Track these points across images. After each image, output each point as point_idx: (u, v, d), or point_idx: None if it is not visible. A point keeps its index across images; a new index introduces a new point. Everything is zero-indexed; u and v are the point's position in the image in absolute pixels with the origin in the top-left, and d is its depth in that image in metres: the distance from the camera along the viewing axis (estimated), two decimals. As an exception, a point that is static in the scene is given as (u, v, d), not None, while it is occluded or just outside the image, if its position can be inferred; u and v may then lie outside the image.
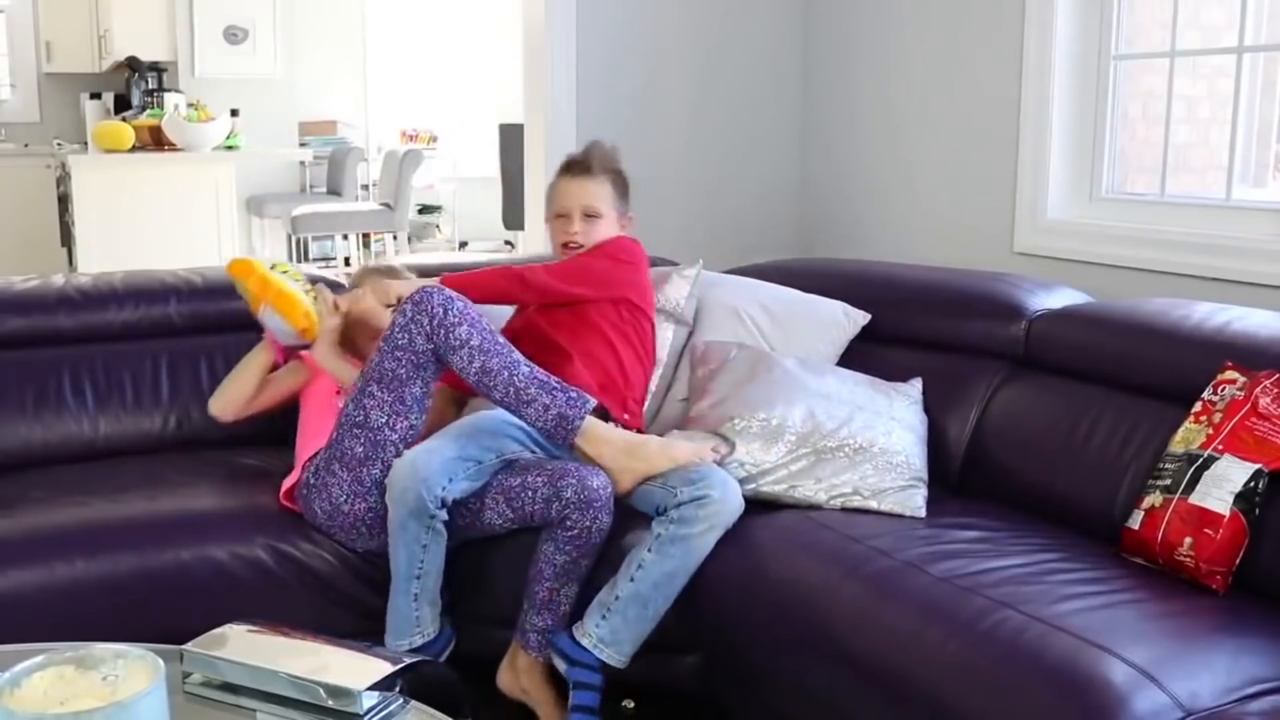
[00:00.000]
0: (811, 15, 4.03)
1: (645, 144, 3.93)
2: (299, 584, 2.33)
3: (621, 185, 2.80)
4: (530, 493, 2.27)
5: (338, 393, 2.54)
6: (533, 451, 2.40)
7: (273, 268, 2.61)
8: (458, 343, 2.27)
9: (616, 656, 2.25)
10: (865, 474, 2.37)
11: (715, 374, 2.65)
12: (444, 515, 2.23)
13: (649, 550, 2.23)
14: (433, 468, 2.21)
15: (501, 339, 2.32)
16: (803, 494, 2.37)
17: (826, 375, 2.59)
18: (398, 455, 2.30)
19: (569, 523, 2.24)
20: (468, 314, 2.29)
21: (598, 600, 2.28)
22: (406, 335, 2.30)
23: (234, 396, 2.65)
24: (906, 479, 2.37)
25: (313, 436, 2.49)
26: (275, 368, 2.67)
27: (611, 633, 2.24)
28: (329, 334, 2.61)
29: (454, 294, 2.32)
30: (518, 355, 2.31)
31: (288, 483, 2.44)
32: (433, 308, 2.28)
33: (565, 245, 2.75)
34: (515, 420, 2.35)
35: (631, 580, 2.23)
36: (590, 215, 2.73)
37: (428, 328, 2.28)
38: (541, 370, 2.31)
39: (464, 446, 2.28)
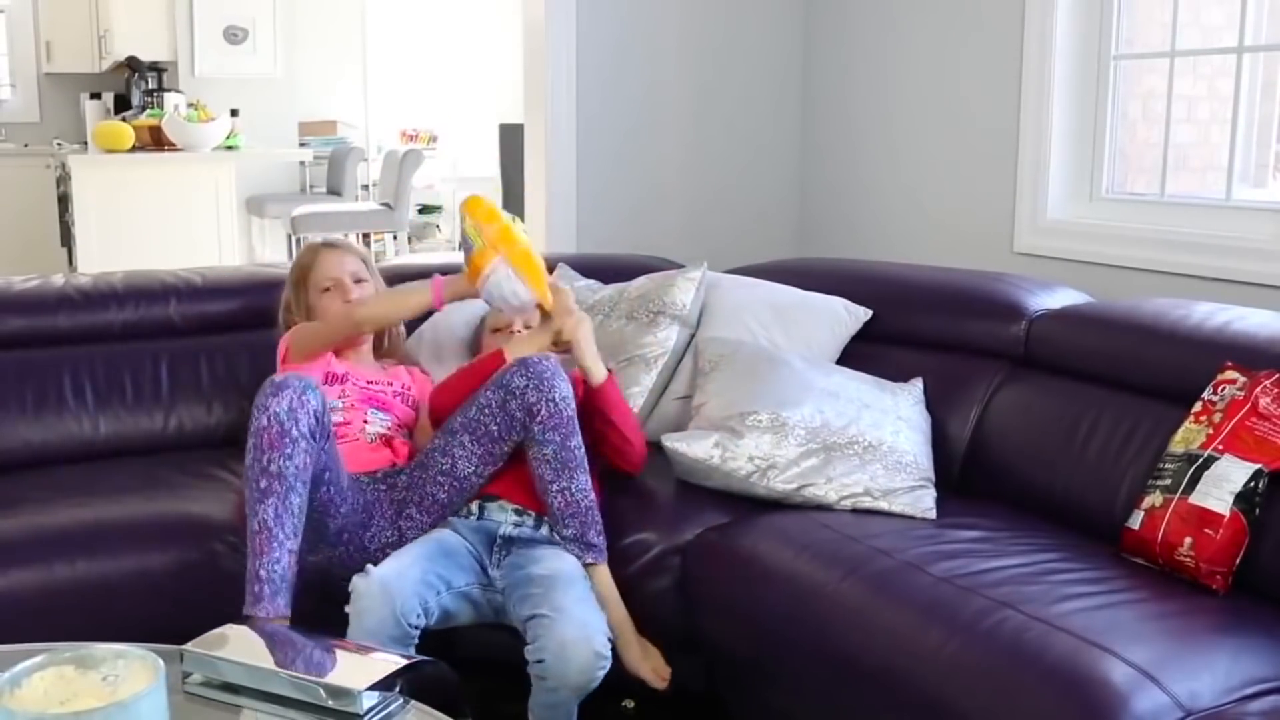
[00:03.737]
0: (812, 13, 4.03)
1: (645, 144, 3.93)
2: (299, 584, 2.33)
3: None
4: (487, 410, 2.25)
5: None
6: (481, 585, 2.29)
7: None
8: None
9: None
10: (875, 474, 2.35)
11: (721, 371, 2.64)
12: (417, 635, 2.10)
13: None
14: (405, 593, 2.08)
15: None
16: (812, 493, 2.35)
17: (833, 373, 2.59)
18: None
19: (535, 410, 2.21)
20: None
21: None
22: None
23: (381, 320, 2.52)
24: (915, 479, 2.37)
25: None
26: (428, 315, 2.53)
27: None
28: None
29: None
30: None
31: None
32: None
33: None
34: (471, 545, 2.31)
35: None
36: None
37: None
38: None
39: (426, 570, 2.17)
